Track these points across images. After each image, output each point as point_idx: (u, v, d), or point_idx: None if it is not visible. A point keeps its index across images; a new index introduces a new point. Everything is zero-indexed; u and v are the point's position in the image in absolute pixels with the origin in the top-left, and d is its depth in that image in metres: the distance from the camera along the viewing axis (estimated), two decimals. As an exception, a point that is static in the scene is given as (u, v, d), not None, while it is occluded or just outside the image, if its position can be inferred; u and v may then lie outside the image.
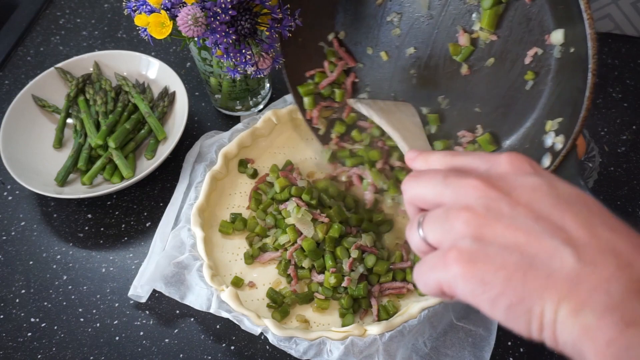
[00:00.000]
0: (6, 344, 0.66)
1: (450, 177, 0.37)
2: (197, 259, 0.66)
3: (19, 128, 0.79)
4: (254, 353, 0.64)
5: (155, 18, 0.61)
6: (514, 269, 0.32)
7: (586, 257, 0.31)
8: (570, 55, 0.55)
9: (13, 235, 0.75)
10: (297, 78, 0.75)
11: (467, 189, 0.35)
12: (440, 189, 0.37)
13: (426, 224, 0.37)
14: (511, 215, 0.33)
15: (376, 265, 0.66)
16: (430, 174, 0.38)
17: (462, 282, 0.33)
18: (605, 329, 0.29)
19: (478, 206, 0.34)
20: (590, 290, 0.30)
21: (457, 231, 0.34)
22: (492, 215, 0.34)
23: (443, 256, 0.34)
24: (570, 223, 0.32)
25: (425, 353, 0.61)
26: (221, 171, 0.74)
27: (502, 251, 0.33)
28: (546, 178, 0.35)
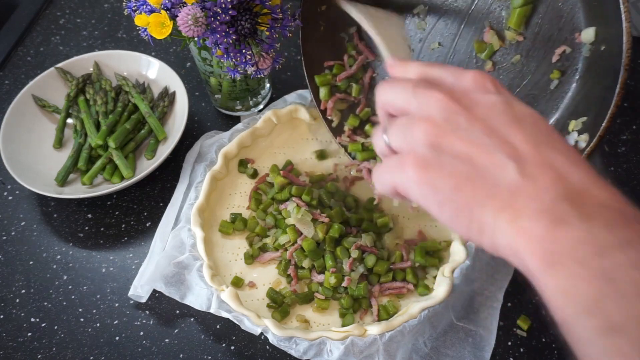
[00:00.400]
0: (6, 344, 0.66)
1: (419, 87, 0.39)
2: (197, 259, 0.66)
3: (19, 128, 0.79)
4: (254, 353, 0.64)
5: (155, 18, 0.61)
6: (463, 178, 0.36)
7: (527, 171, 0.35)
8: (600, 53, 0.55)
9: (13, 235, 0.75)
10: (315, 66, 0.74)
11: (431, 101, 0.38)
12: (408, 97, 0.40)
13: (391, 130, 0.40)
14: (467, 128, 0.36)
15: (376, 265, 0.66)
16: (402, 82, 0.41)
17: (415, 185, 0.37)
18: (536, 228, 0.33)
19: (438, 117, 0.37)
20: (527, 199, 0.34)
21: (416, 138, 0.37)
22: (449, 127, 0.37)
23: (401, 160, 0.38)
24: (519, 139, 0.36)
25: (425, 353, 0.60)
26: (221, 171, 0.74)
27: (454, 160, 0.36)
28: (505, 97, 0.38)
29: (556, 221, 0.33)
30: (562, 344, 0.35)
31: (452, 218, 0.37)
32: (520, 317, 0.65)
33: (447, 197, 0.36)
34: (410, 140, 0.38)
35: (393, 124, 0.40)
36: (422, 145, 0.37)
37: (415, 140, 0.38)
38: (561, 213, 0.33)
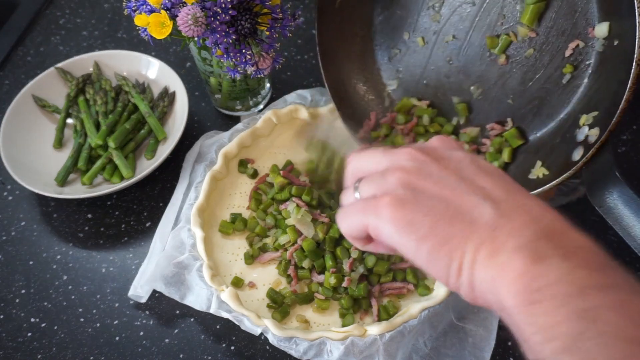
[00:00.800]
0: (6, 344, 0.66)
1: (389, 150, 0.42)
2: (197, 259, 0.66)
3: (19, 128, 0.79)
4: (254, 353, 0.64)
5: (155, 18, 0.61)
6: (440, 215, 0.36)
7: (503, 211, 0.36)
8: (613, 48, 0.56)
9: (13, 235, 0.75)
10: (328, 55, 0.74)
11: (402, 155, 0.40)
12: (378, 159, 0.41)
13: (362, 184, 0.41)
14: (439, 175, 0.38)
15: (376, 266, 0.66)
16: (371, 150, 0.43)
17: (391, 223, 0.37)
18: (516, 263, 0.33)
19: (411, 167, 0.39)
20: (506, 235, 0.35)
21: (390, 183, 0.39)
22: (422, 174, 0.38)
23: (375, 201, 0.38)
24: (490, 186, 0.37)
25: (425, 353, 0.60)
26: (221, 171, 0.74)
27: (430, 200, 0.37)
28: (470, 154, 0.41)
29: (536, 258, 0.33)
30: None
31: (430, 256, 0.37)
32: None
33: (426, 233, 0.36)
34: (384, 187, 0.39)
35: (365, 179, 0.41)
36: (397, 187, 0.38)
37: (389, 185, 0.39)
38: (541, 250, 0.33)
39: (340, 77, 0.76)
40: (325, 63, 0.74)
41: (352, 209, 0.41)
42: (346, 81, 0.75)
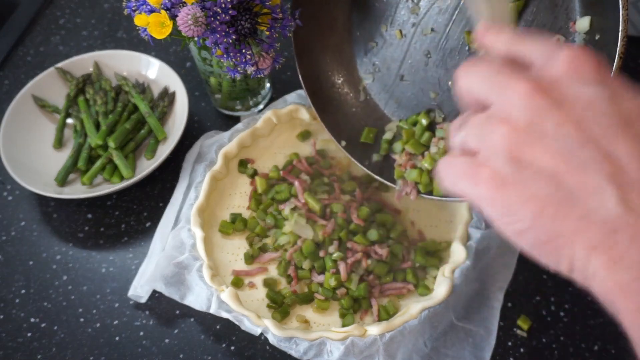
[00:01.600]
0: (6, 344, 0.66)
1: (502, 74, 0.32)
2: (197, 259, 0.66)
3: (19, 128, 0.79)
4: (254, 353, 0.64)
5: (155, 18, 0.61)
6: (546, 203, 0.29)
7: (631, 201, 0.27)
8: (595, 42, 0.56)
9: (13, 235, 0.75)
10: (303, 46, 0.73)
11: (514, 95, 0.30)
12: (488, 85, 0.33)
13: (467, 127, 0.33)
14: (555, 135, 0.29)
15: (376, 267, 0.66)
16: (484, 66, 0.34)
17: (489, 204, 0.31)
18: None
19: (520, 118, 0.30)
20: (628, 242, 0.27)
21: (493, 144, 0.31)
22: (533, 133, 0.29)
23: (475, 170, 0.32)
24: (624, 152, 0.28)
25: (425, 353, 0.60)
26: (221, 171, 0.74)
27: (536, 178, 0.29)
28: (609, 89, 0.29)
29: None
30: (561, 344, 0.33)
31: (534, 250, 0.30)
32: (520, 317, 0.65)
33: (527, 224, 0.30)
34: (487, 145, 0.31)
35: (470, 121, 0.33)
36: (500, 156, 0.30)
37: (492, 146, 0.31)
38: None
39: (315, 69, 0.74)
40: (300, 54, 0.72)
41: (454, 169, 0.33)
42: (321, 74, 0.74)
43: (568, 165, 0.28)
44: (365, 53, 0.74)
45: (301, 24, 0.68)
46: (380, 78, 0.74)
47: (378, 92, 0.75)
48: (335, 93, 0.76)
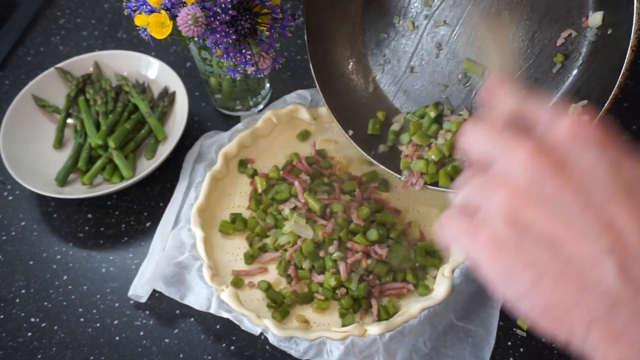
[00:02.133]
0: (6, 344, 0.66)
1: (505, 135, 0.32)
2: (197, 259, 0.66)
3: (19, 128, 0.79)
4: (254, 353, 0.64)
5: (155, 18, 0.61)
6: (545, 271, 0.28)
7: (631, 274, 0.26)
8: (606, 37, 0.56)
9: (13, 235, 0.75)
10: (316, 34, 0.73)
11: (515, 157, 0.30)
12: (491, 145, 0.33)
13: (469, 186, 0.34)
14: (555, 200, 0.29)
15: (376, 267, 0.66)
16: (486, 126, 0.34)
17: (487, 266, 0.30)
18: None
19: (520, 181, 0.30)
20: (629, 317, 0.26)
21: (494, 205, 0.31)
22: (533, 196, 0.29)
23: (475, 229, 0.31)
24: (625, 221, 0.27)
25: (425, 353, 0.60)
26: (221, 171, 0.74)
27: (535, 244, 0.29)
28: (610, 156, 0.29)
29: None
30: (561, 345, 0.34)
31: (532, 314, 0.30)
32: (520, 317, 0.65)
33: (524, 291, 0.29)
34: (487, 206, 0.31)
35: (472, 180, 0.34)
36: (499, 218, 0.30)
37: (492, 208, 0.31)
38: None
39: (326, 57, 0.74)
40: (312, 41, 0.72)
41: (454, 223, 0.33)
42: (331, 62, 0.74)
43: (567, 232, 0.28)
44: (376, 44, 0.74)
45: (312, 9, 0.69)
46: (390, 70, 0.74)
47: (387, 83, 0.75)
48: (345, 83, 0.75)
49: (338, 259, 0.66)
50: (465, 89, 0.69)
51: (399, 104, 0.74)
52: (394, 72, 0.74)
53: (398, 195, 0.74)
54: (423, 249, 0.67)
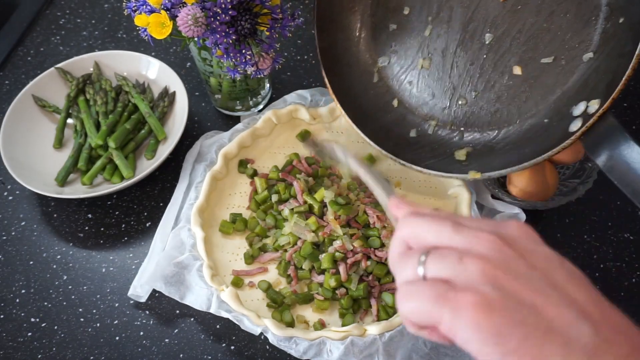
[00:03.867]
0: (6, 344, 0.66)
1: (461, 226, 0.35)
2: (197, 259, 0.66)
3: (19, 128, 0.79)
4: (254, 353, 0.64)
5: (155, 18, 0.61)
6: (533, 328, 0.31)
7: (602, 333, 0.31)
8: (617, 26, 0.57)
9: (13, 235, 0.75)
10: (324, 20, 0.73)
11: (482, 240, 0.33)
12: (448, 234, 0.35)
13: (432, 260, 0.34)
14: (528, 276, 0.32)
15: (376, 268, 0.66)
16: (436, 218, 0.36)
17: (473, 330, 0.31)
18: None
19: (496, 259, 0.33)
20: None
21: (472, 276, 0.32)
22: (510, 271, 0.32)
23: (454, 296, 0.32)
24: (584, 299, 0.32)
25: (425, 353, 0.61)
26: (221, 171, 0.74)
27: (520, 307, 0.31)
28: (556, 253, 0.35)
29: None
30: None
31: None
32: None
33: (514, 348, 0.31)
34: (463, 275, 0.32)
35: (435, 254, 0.34)
36: (483, 283, 0.32)
37: (470, 276, 0.32)
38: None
39: (333, 45, 0.74)
40: (320, 27, 0.72)
41: (419, 292, 0.33)
42: (338, 50, 0.74)
43: (545, 300, 0.32)
44: (385, 34, 0.74)
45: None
46: (397, 61, 0.74)
47: (392, 76, 0.75)
48: (350, 72, 0.75)
49: (338, 259, 0.66)
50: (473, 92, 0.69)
51: (403, 97, 0.74)
52: (400, 64, 0.74)
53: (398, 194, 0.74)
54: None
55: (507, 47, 0.66)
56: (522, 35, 0.65)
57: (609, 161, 0.53)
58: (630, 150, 0.52)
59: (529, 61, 0.64)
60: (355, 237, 0.66)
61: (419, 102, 0.73)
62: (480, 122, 0.68)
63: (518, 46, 0.65)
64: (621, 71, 0.53)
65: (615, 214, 0.72)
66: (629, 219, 0.72)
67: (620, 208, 0.73)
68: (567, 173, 0.73)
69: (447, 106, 0.70)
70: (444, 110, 0.70)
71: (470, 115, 0.69)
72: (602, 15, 0.59)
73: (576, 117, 0.57)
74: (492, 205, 0.70)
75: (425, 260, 0.34)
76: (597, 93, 0.56)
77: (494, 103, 0.67)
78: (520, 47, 0.65)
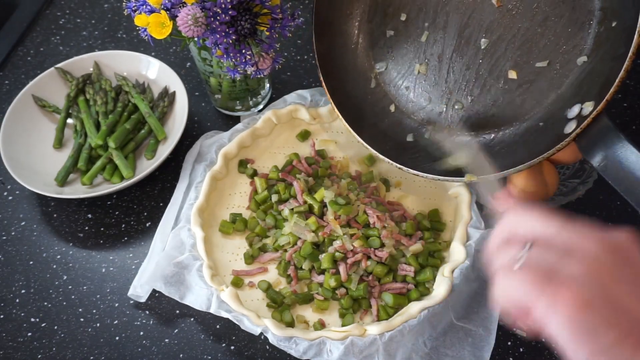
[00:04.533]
0: (6, 344, 0.66)
1: (569, 224, 0.36)
2: (197, 259, 0.66)
3: (19, 128, 0.79)
4: (254, 353, 0.64)
5: (155, 18, 0.61)
6: (629, 332, 0.31)
7: None
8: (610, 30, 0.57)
9: (13, 235, 0.75)
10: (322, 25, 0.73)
11: (589, 241, 0.34)
12: (556, 228, 0.36)
13: (537, 250, 0.35)
14: (633, 284, 0.33)
15: (376, 268, 0.66)
16: (546, 213, 0.37)
17: (567, 323, 0.32)
18: None
19: (604, 261, 0.34)
20: None
21: (576, 271, 0.33)
22: (612, 274, 0.33)
23: (554, 287, 0.33)
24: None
25: (425, 353, 0.61)
26: (221, 171, 0.74)
27: (618, 310, 0.32)
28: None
29: None
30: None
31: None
32: None
33: (607, 346, 0.31)
34: (567, 269, 0.33)
35: (541, 246, 0.36)
36: (585, 280, 0.33)
37: (574, 270, 0.33)
38: None
39: (331, 49, 0.74)
40: (319, 32, 0.73)
41: (520, 275, 0.34)
42: (336, 55, 0.74)
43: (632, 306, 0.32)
44: (382, 40, 0.74)
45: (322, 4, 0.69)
46: (393, 67, 0.74)
47: (389, 81, 0.75)
48: (348, 77, 0.75)
49: (338, 259, 0.66)
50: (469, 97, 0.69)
51: (400, 102, 0.74)
52: (398, 68, 0.74)
53: (398, 194, 0.74)
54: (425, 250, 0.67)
55: (503, 51, 0.66)
56: (517, 39, 0.65)
57: (603, 161, 0.54)
58: (624, 149, 0.52)
59: (524, 65, 0.64)
60: (355, 237, 0.66)
61: (416, 107, 0.73)
62: (476, 125, 0.68)
63: (513, 51, 0.65)
64: (614, 74, 0.53)
65: (615, 214, 0.72)
66: (629, 219, 0.72)
67: (620, 208, 0.73)
68: (567, 173, 0.73)
69: (444, 111, 0.70)
70: (441, 115, 0.71)
71: (467, 119, 0.69)
72: (596, 19, 0.59)
73: (571, 120, 0.57)
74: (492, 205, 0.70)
75: (529, 247, 0.35)
76: (591, 95, 0.56)
77: (490, 107, 0.67)
78: (515, 51, 0.65)
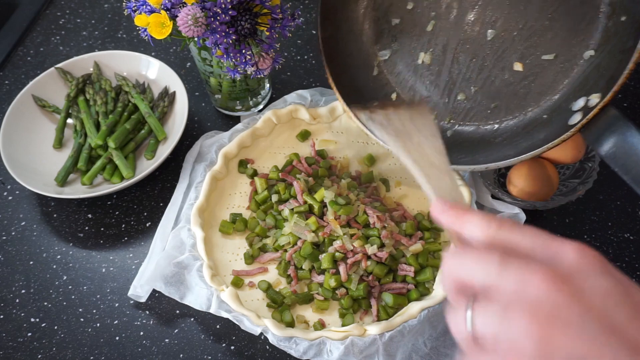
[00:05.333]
0: (6, 344, 0.66)
1: (510, 260, 0.32)
2: (197, 259, 0.66)
3: (19, 128, 0.79)
4: (254, 353, 0.64)
5: (155, 18, 0.61)
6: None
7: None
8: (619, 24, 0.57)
9: (13, 235, 0.75)
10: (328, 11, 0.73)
11: (532, 282, 0.30)
12: (496, 272, 0.32)
13: (478, 315, 0.32)
14: (582, 323, 0.29)
15: (376, 269, 0.66)
16: (482, 253, 0.33)
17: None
18: None
19: (543, 307, 0.30)
20: None
21: (516, 334, 0.30)
22: (560, 322, 0.30)
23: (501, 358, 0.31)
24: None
25: (425, 353, 0.61)
26: (221, 171, 0.74)
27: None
28: (620, 281, 0.31)
29: None
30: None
31: None
32: None
33: None
34: (508, 333, 0.30)
35: (481, 308, 0.32)
36: (527, 346, 0.30)
37: (514, 335, 0.30)
38: None
39: (336, 35, 0.74)
40: (324, 16, 0.72)
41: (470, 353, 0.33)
42: (340, 41, 0.74)
43: (600, 350, 0.29)
44: (387, 29, 0.74)
45: None
46: (397, 56, 0.74)
47: (392, 70, 0.74)
48: (351, 63, 0.75)
49: (338, 259, 0.66)
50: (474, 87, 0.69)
51: (402, 91, 0.74)
52: (401, 58, 0.74)
53: (398, 194, 0.74)
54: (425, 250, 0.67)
55: (509, 43, 0.66)
56: (525, 32, 0.65)
57: (612, 149, 0.52)
58: (633, 137, 0.51)
59: (530, 58, 0.64)
60: (355, 237, 0.66)
61: (418, 96, 0.72)
62: (479, 116, 0.68)
63: (520, 43, 0.65)
64: (622, 66, 0.53)
65: (615, 214, 0.72)
66: (629, 219, 0.72)
67: (620, 208, 0.73)
68: (567, 173, 0.73)
69: (447, 101, 0.70)
70: (443, 105, 0.70)
71: (469, 110, 0.69)
72: (604, 14, 0.59)
73: (576, 112, 0.57)
74: (492, 205, 0.70)
75: (472, 312, 0.33)
76: (597, 88, 0.56)
77: (494, 98, 0.67)
78: (522, 43, 0.65)
